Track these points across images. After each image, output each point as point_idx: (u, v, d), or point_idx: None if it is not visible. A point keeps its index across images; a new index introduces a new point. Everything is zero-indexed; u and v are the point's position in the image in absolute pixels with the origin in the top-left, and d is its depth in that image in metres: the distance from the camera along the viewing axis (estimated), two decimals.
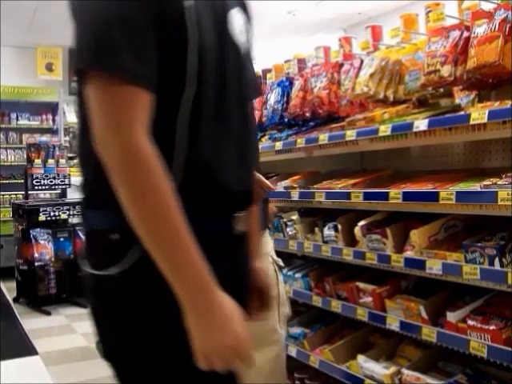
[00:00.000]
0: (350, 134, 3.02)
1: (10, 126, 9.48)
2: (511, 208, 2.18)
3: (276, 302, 2.71)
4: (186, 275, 1.21)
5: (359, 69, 3.22)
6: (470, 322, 2.48)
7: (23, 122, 9.55)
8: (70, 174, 7.41)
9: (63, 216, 6.94)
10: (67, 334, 5.73)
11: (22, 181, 7.67)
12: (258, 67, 2.72)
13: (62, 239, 6.88)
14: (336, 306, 3.28)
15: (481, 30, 2.46)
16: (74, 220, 7.13)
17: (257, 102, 3.96)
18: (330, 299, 3.33)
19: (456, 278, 2.49)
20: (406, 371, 2.92)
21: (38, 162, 7.26)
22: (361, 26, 6.73)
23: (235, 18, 1.44)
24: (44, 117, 9.68)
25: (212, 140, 1.34)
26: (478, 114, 2.33)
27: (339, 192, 3.09)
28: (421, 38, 2.99)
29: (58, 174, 7.30)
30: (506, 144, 2.73)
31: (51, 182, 7.27)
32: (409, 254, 2.74)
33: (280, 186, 3.58)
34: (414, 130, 2.61)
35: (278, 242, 3.58)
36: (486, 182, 2.36)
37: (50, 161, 7.30)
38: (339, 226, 3.17)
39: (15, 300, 6.98)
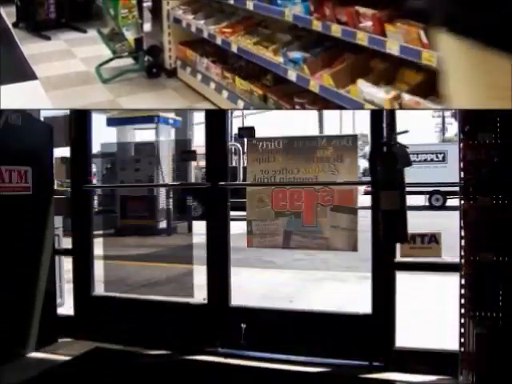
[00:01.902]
0: None
1: None
2: None
3: None
4: None
5: None
6: None
7: None
8: None
9: None
10: (67, 59, 5.70)
11: None
12: None
13: None
14: (336, 30, 3.20)
15: None
16: None
17: None
18: (330, 24, 3.23)
19: None
20: (406, 95, 2.93)
21: None
22: None
23: None
24: None
25: None
26: None
27: None
28: None
29: None
30: None
31: None
32: None
33: None
34: None
35: None
36: None
37: None
38: None
39: (14, 25, 6.78)
